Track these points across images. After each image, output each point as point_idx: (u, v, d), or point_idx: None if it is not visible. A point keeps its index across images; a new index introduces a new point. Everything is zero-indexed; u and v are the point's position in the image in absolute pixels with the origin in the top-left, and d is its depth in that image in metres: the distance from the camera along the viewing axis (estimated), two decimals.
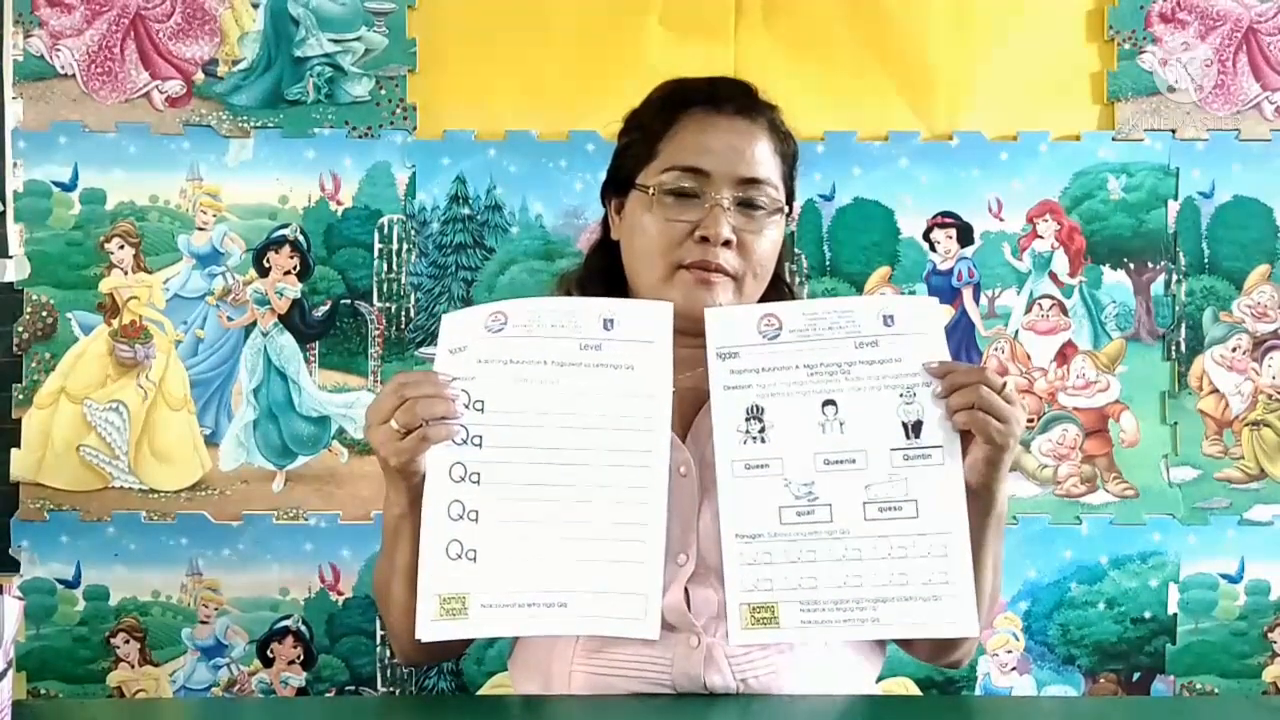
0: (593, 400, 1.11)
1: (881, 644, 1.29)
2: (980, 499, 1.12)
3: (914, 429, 1.10)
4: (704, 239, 1.20)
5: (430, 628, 1.08)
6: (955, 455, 1.10)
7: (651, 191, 1.23)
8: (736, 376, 1.12)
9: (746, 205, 1.22)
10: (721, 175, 1.22)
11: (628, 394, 1.11)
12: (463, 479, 1.10)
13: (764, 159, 1.24)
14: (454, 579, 1.09)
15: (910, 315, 1.13)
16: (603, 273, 1.31)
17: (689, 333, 1.24)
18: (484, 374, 1.11)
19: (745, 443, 1.11)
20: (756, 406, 1.11)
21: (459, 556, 1.09)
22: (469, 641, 1.27)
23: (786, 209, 1.27)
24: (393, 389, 1.09)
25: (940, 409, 1.09)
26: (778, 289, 1.30)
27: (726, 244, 1.20)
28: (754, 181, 1.23)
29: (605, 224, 1.34)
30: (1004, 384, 1.10)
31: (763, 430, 1.11)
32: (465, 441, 1.10)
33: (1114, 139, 1.97)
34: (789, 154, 1.29)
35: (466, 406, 1.10)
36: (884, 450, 1.10)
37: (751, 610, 1.09)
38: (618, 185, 1.29)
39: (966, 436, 1.10)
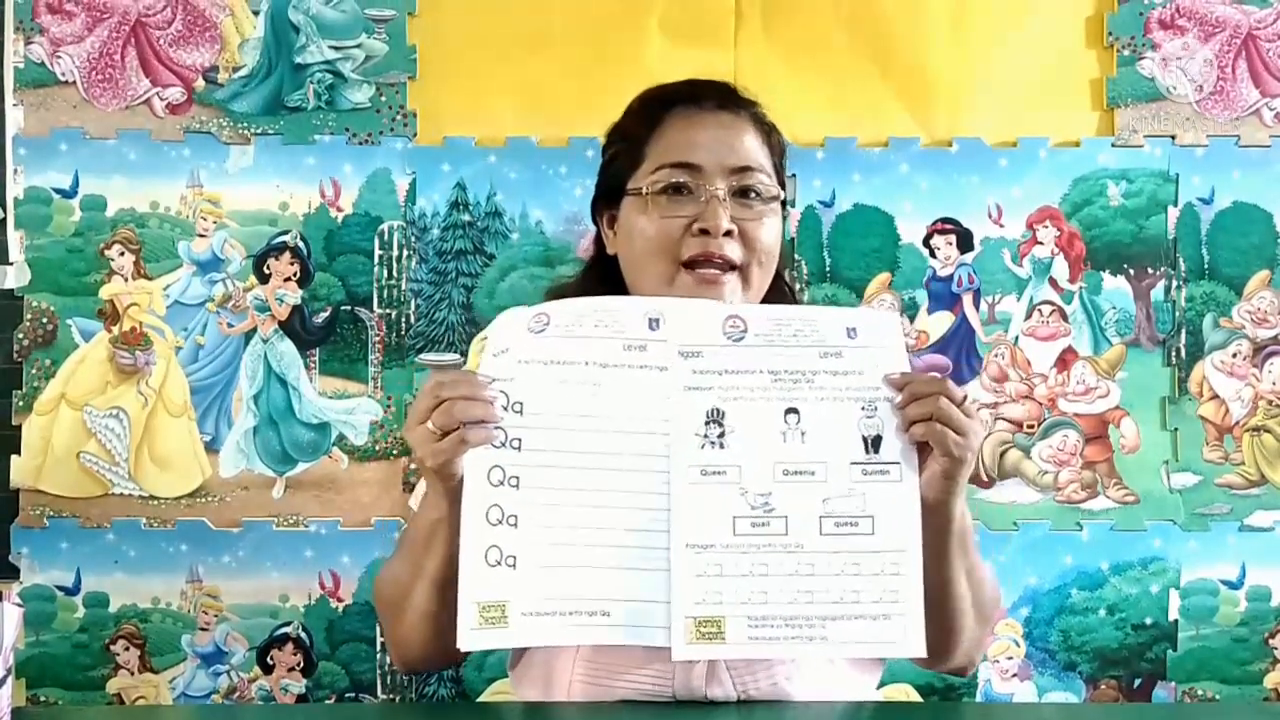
0: (635, 402, 1.08)
1: None
2: (938, 515, 1.10)
3: (873, 443, 1.08)
4: (704, 231, 1.19)
5: (470, 636, 1.05)
6: (912, 472, 1.08)
7: (645, 192, 1.22)
8: (699, 377, 1.08)
9: (742, 194, 1.21)
10: (713, 167, 1.21)
11: (671, 396, 1.08)
12: (501, 483, 1.06)
13: (753, 148, 1.24)
14: (493, 586, 1.05)
15: (872, 328, 1.10)
16: (600, 287, 1.29)
17: None
18: (524, 375, 1.07)
19: (703, 447, 1.07)
20: (717, 410, 1.08)
21: (498, 563, 1.05)
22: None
23: (782, 197, 1.26)
24: (430, 389, 1.06)
25: (899, 420, 1.07)
26: (778, 288, 1.29)
27: (728, 234, 1.19)
28: (746, 170, 1.22)
29: (598, 242, 1.33)
30: (964, 396, 1.08)
31: (722, 435, 1.07)
32: (504, 444, 1.06)
33: (1114, 145, 1.97)
34: (777, 145, 1.28)
35: (505, 408, 1.06)
36: (844, 464, 1.07)
37: (697, 624, 1.05)
38: (609, 197, 1.28)
39: (924, 452, 1.08)
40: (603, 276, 1.30)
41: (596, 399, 1.08)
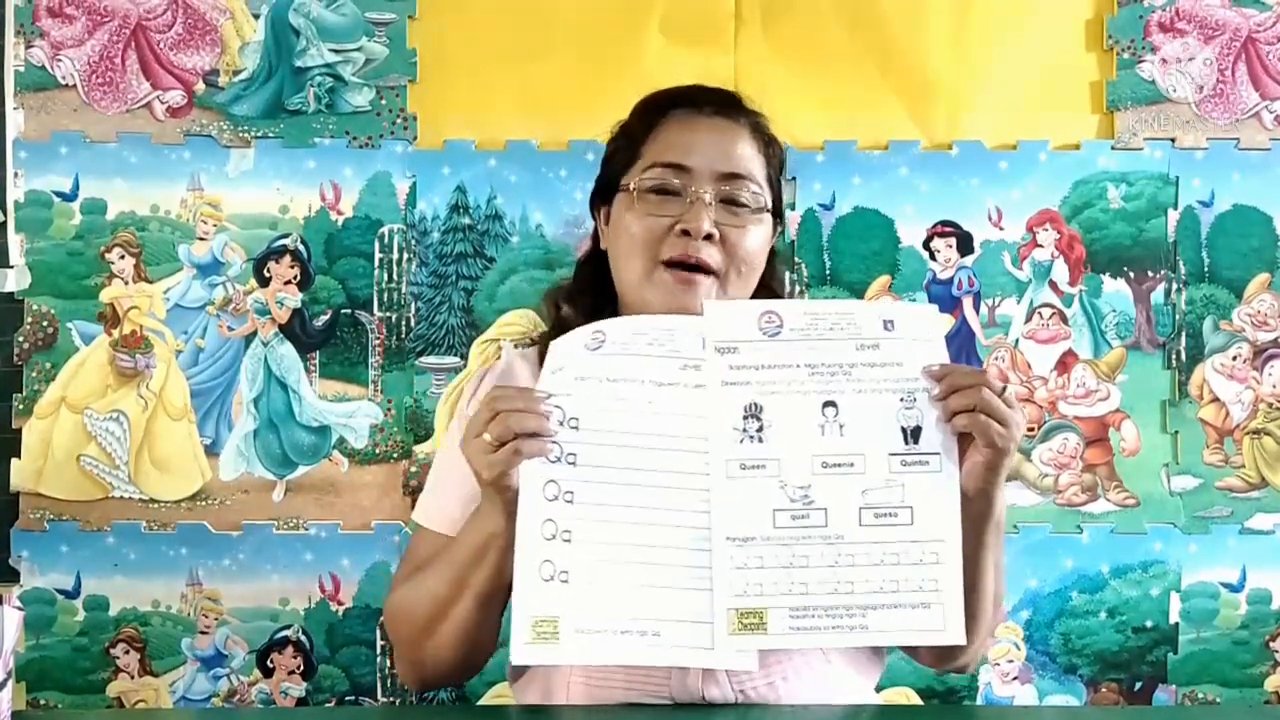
0: (690, 422, 1.08)
1: (880, 653, 1.28)
2: (978, 505, 1.11)
3: (913, 434, 1.08)
4: (685, 233, 1.19)
5: (523, 651, 1.05)
6: (953, 462, 1.09)
7: (633, 188, 1.23)
8: (735, 372, 1.09)
9: (729, 202, 1.22)
10: (703, 171, 1.21)
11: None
12: (556, 498, 1.07)
13: (747, 156, 1.24)
14: (546, 602, 1.05)
15: (910, 321, 1.11)
16: (592, 284, 1.30)
17: None
18: (580, 391, 1.08)
19: (742, 441, 1.08)
20: (755, 404, 1.08)
21: (551, 578, 1.06)
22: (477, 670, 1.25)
23: (772, 210, 1.26)
24: (487, 402, 1.08)
25: (939, 412, 1.08)
26: (766, 296, 1.29)
27: (709, 239, 1.20)
28: (736, 177, 1.22)
29: (596, 236, 1.34)
30: (1004, 388, 1.09)
31: (760, 429, 1.08)
32: (559, 459, 1.07)
33: (1113, 148, 1.97)
34: (774, 157, 1.29)
35: (561, 424, 1.07)
36: (882, 455, 1.08)
37: (740, 615, 1.06)
38: (605, 193, 1.30)
39: (964, 442, 1.09)
40: (596, 271, 1.31)
41: (652, 417, 1.09)
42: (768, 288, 1.29)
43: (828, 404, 1.09)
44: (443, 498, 1.27)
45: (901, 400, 1.09)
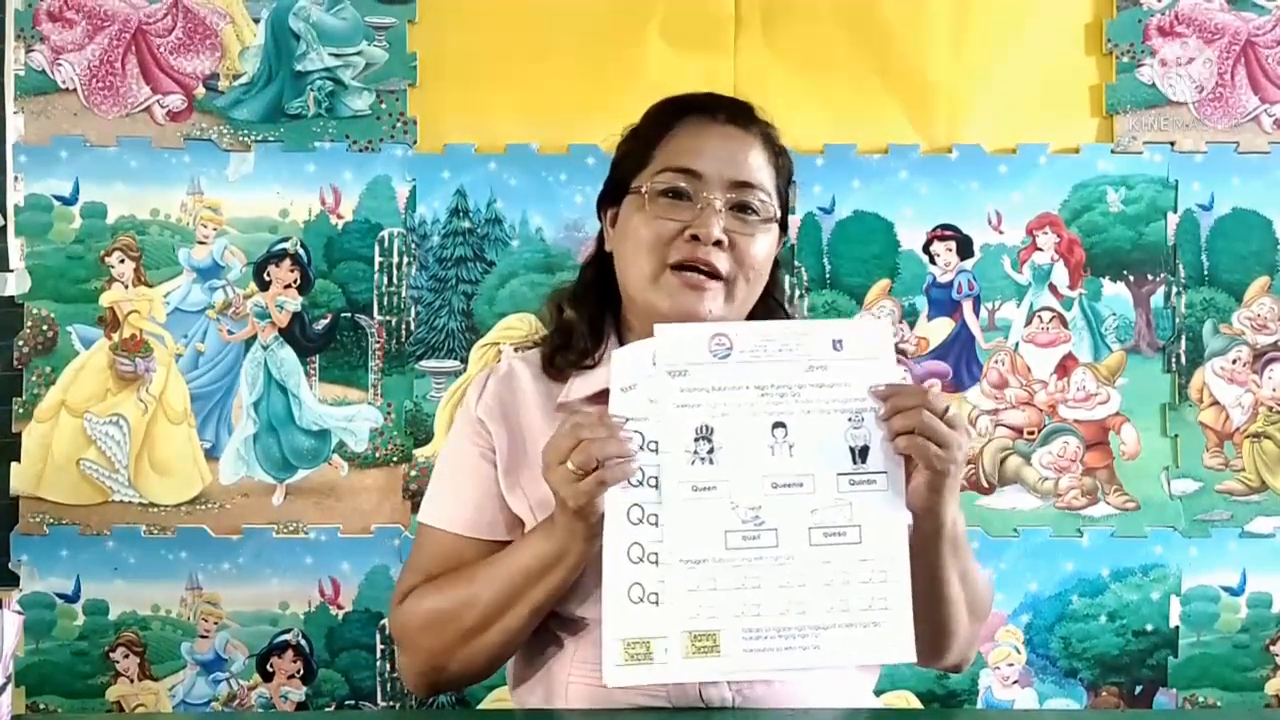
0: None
1: None
2: (927, 523, 1.12)
3: (861, 454, 1.09)
4: (695, 237, 1.20)
5: (616, 673, 1.06)
6: (899, 480, 1.09)
7: (644, 191, 1.23)
8: (686, 395, 1.10)
9: (739, 209, 1.22)
10: (714, 177, 1.22)
11: (662, 415, 1.09)
12: (640, 521, 1.08)
13: (758, 166, 1.24)
14: (637, 623, 1.07)
15: (859, 339, 1.11)
16: (596, 286, 1.30)
17: None
18: (656, 414, 1.09)
19: (693, 463, 1.09)
20: (706, 426, 1.09)
21: (641, 600, 1.07)
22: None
23: (780, 220, 1.26)
24: (569, 431, 1.08)
25: (884, 431, 1.08)
26: (768, 305, 1.29)
27: (718, 244, 1.20)
28: (747, 185, 1.23)
29: (600, 239, 1.34)
30: (946, 408, 1.09)
31: (711, 451, 1.09)
32: (641, 483, 1.08)
33: (1113, 151, 1.97)
34: (784, 168, 1.29)
35: (641, 448, 1.08)
36: (831, 474, 1.08)
37: (693, 638, 1.06)
38: (613, 195, 1.30)
39: (911, 461, 1.09)
40: (600, 273, 1.31)
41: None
42: (770, 296, 1.29)
43: (777, 425, 1.09)
44: (452, 499, 1.27)
45: (850, 420, 1.09)
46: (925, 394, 1.09)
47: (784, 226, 1.29)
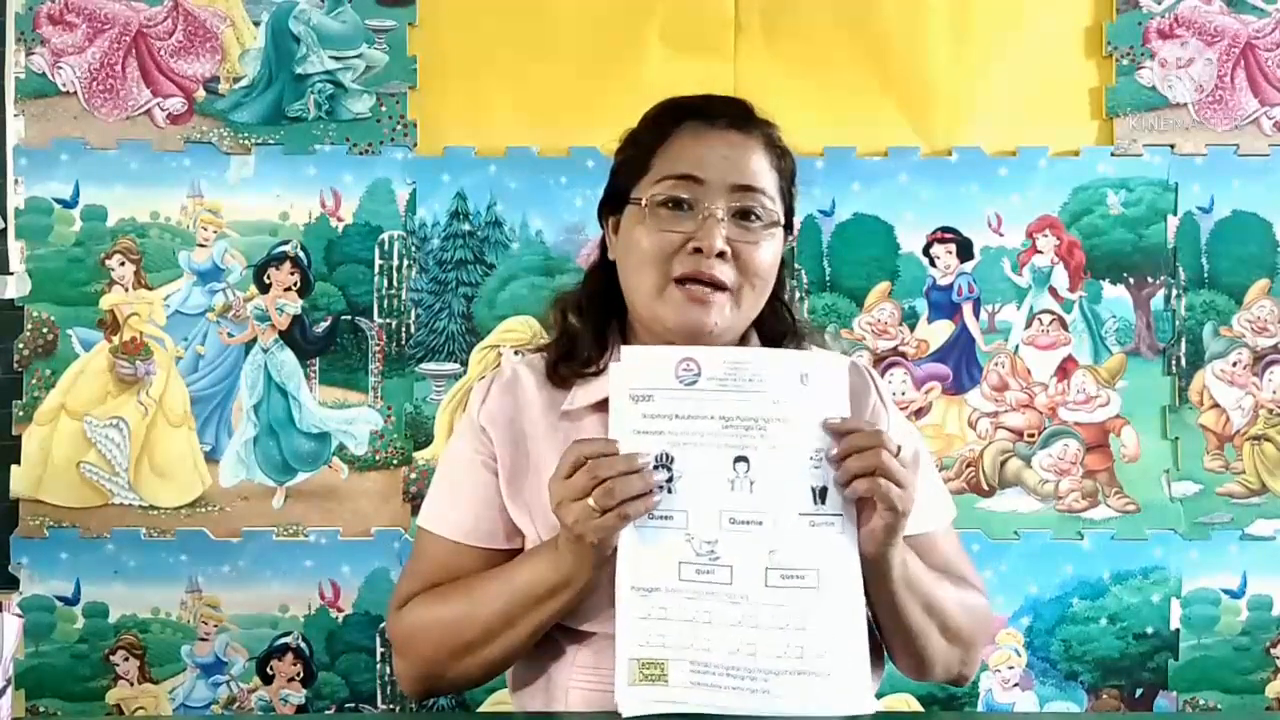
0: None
1: (880, 660, 1.28)
2: (879, 566, 1.10)
3: (821, 494, 1.07)
4: (698, 250, 1.18)
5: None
6: (853, 524, 1.08)
7: (645, 203, 1.21)
8: (649, 421, 1.08)
9: (742, 216, 1.20)
10: (716, 184, 1.20)
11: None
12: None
13: (760, 170, 1.23)
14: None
15: (823, 375, 1.10)
16: (601, 293, 1.29)
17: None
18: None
19: (651, 491, 1.07)
20: (666, 455, 1.07)
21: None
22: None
23: (784, 224, 1.25)
24: (587, 470, 1.05)
25: (836, 472, 1.06)
26: (775, 309, 1.29)
27: (721, 255, 1.18)
28: (749, 190, 1.21)
29: (603, 245, 1.33)
30: (899, 447, 1.07)
31: (670, 480, 1.07)
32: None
33: (1113, 154, 1.97)
34: (786, 170, 1.27)
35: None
36: (792, 514, 1.06)
37: (641, 666, 1.05)
38: (614, 203, 1.28)
39: (862, 505, 1.07)
40: (604, 281, 1.30)
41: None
42: (777, 298, 1.28)
43: (739, 459, 1.07)
44: (453, 505, 1.26)
45: (811, 459, 1.07)
46: (881, 434, 1.07)
47: (789, 227, 1.28)
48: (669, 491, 1.07)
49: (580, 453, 1.07)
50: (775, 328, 1.29)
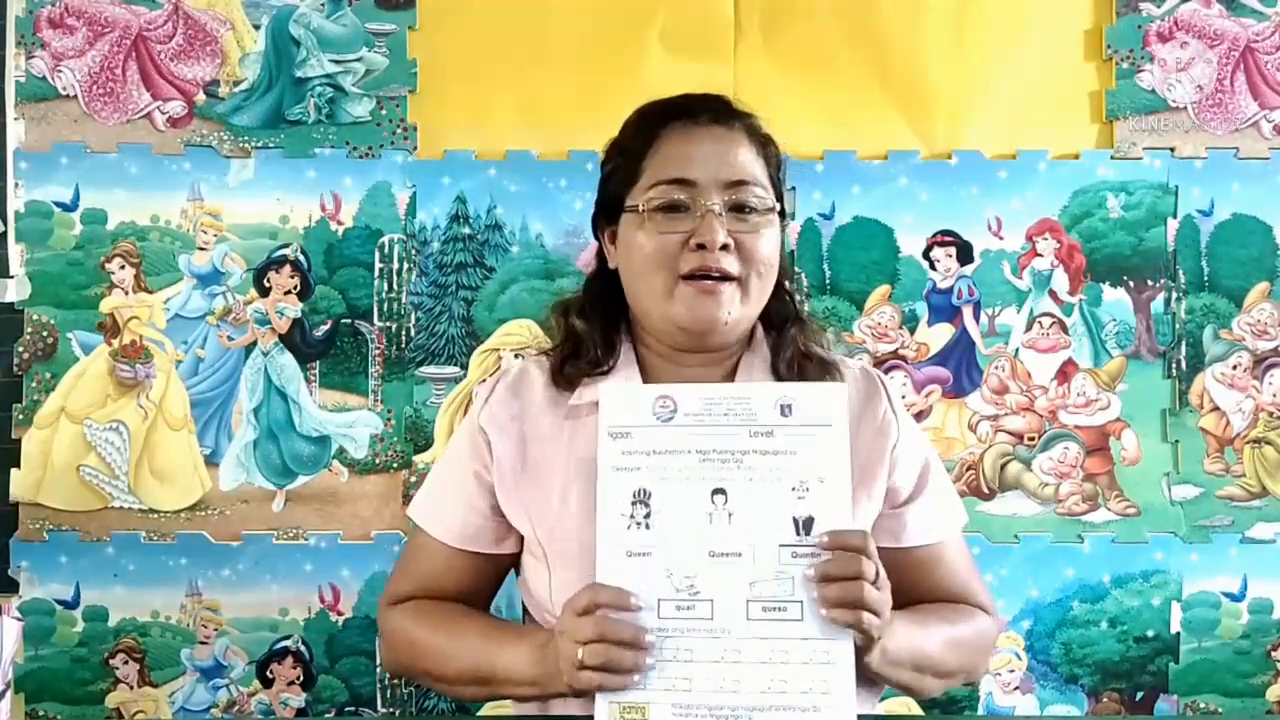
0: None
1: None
2: (865, 674, 1.09)
3: (805, 525, 1.05)
4: (701, 246, 1.19)
5: None
6: None
7: (641, 209, 1.22)
8: (627, 458, 1.08)
9: (738, 209, 1.21)
10: (708, 182, 1.21)
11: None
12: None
13: (747, 161, 1.24)
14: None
15: (810, 404, 1.08)
16: (602, 299, 1.30)
17: (695, 349, 1.24)
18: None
19: (629, 528, 1.06)
20: (644, 490, 1.07)
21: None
22: None
23: (779, 208, 1.26)
24: (595, 622, 1.05)
25: (811, 591, 1.04)
26: (780, 298, 1.29)
27: (724, 248, 1.19)
28: (741, 183, 1.22)
29: (600, 255, 1.33)
30: (877, 572, 1.06)
31: (648, 516, 1.06)
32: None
33: (1113, 157, 1.97)
34: (773, 156, 1.28)
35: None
36: (772, 545, 1.05)
37: (622, 710, 1.04)
38: (608, 213, 1.29)
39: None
40: (605, 289, 1.30)
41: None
42: (780, 285, 1.29)
43: (717, 491, 1.06)
44: (446, 507, 1.28)
45: (794, 490, 1.06)
46: (860, 561, 1.04)
47: (783, 213, 1.28)
48: (646, 528, 1.06)
49: (594, 597, 1.06)
50: (779, 313, 1.29)
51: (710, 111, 1.26)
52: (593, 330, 1.27)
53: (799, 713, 1.02)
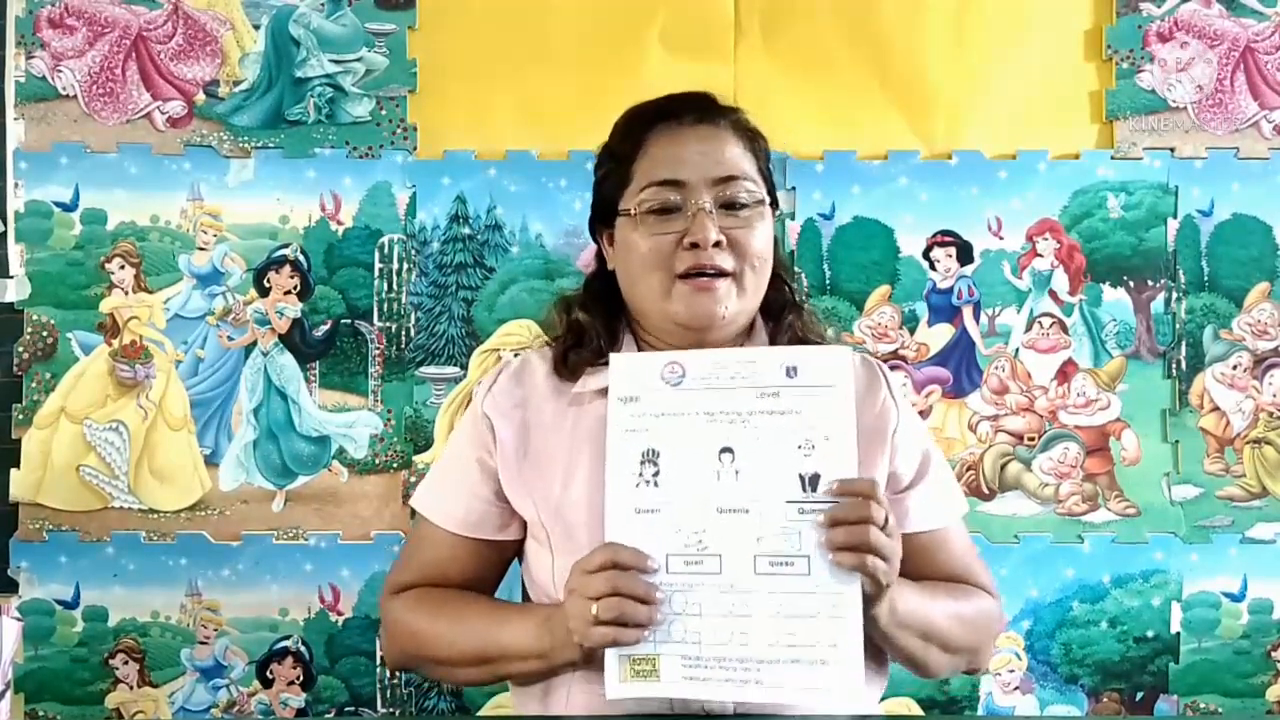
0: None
1: (884, 663, 1.28)
2: (868, 629, 1.09)
3: (811, 482, 1.07)
4: (694, 245, 1.20)
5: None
6: None
7: (634, 212, 1.24)
8: (636, 419, 1.10)
9: (729, 205, 1.22)
10: (697, 181, 1.22)
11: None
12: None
13: (735, 156, 1.25)
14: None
15: (815, 367, 1.10)
16: (602, 297, 1.31)
17: (695, 345, 1.24)
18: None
19: (638, 486, 1.08)
20: (652, 450, 1.09)
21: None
22: None
23: (769, 201, 1.27)
24: (608, 578, 1.07)
25: (819, 535, 1.05)
26: (778, 287, 1.30)
27: (717, 245, 1.20)
28: (730, 179, 1.23)
29: (599, 256, 1.34)
30: (886, 517, 1.07)
31: (657, 474, 1.08)
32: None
33: (1113, 157, 1.97)
34: (760, 149, 1.29)
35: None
36: (779, 502, 1.06)
37: (631, 662, 1.05)
38: (603, 217, 1.30)
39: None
40: (605, 289, 1.31)
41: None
42: (776, 276, 1.29)
43: (724, 450, 1.08)
44: (449, 495, 1.29)
45: (800, 448, 1.07)
46: (868, 505, 1.06)
47: (774, 204, 1.29)
48: (655, 485, 1.08)
49: (611, 556, 1.08)
50: (776, 301, 1.30)
51: (695, 110, 1.27)
52: (596, 320, 1.28)
53: (807, 665, 1.04)
